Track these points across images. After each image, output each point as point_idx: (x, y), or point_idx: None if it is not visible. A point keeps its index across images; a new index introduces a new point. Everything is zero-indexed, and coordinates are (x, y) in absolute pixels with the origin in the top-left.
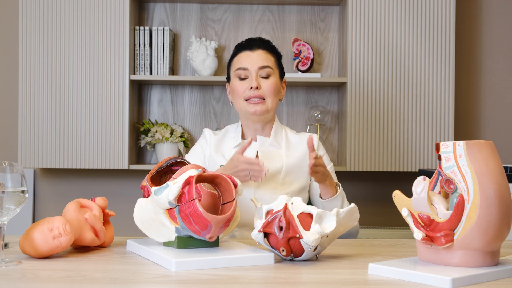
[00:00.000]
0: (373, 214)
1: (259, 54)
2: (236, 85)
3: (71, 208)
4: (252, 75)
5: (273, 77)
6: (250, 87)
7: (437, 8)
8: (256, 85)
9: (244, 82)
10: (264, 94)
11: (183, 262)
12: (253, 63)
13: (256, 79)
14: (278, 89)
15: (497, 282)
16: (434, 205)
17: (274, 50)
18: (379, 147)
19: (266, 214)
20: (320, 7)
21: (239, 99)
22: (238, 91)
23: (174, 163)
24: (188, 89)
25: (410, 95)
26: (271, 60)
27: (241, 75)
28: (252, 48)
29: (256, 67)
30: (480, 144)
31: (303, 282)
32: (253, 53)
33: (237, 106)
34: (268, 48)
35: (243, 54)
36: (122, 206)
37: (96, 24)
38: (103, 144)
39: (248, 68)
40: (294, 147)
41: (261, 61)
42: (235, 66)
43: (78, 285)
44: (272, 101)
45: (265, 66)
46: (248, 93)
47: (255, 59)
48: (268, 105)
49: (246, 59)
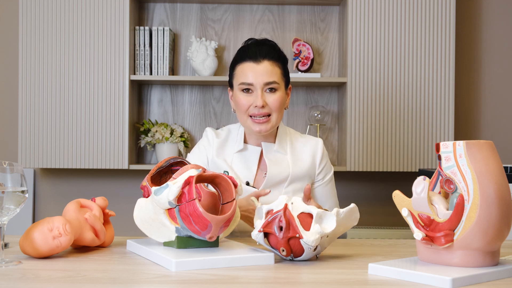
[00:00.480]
0: (373, 214)
1: (265, 67)
2: (240, 99)
3: (71, 208)
4: (258, 92)
5: (279, 91)
6: (255, 105)
7: (437, 8)
8: (261, 103)
9: (249, 97)
10: (270, 110)
11: (183, 262)
12: (259, 78)
13: (262, 96)
14: (284, 102)
15: (497, 282)
16: (434, 205)
17: (280, 58)
18: (379, 147)
19: (266, 214)
20: (320, 7)
21: (243, 114)
22: (242, 105)
23: (174, 163)
24: (188, 89)
25: (410, 95)
26: (277, 73)
27: (245, 89)
28: (257, 59)
29: (262, 83)
30: (480, 144)
31: (303, 282)
32: (258, 66)
33: (240, 120)
34: (275, 57)
35: (248, 66)
36: (122, 206)
37: (96, 24)
38: (103, 144)
39: (253, 83)
40: (299, 154)
41: (267, 76)
42: (239, 79)
43: (78, 285)
44: (278, 117)
45: (271, 82)
46: (253, 110)
47: (260, 73)
48: (273, 122)
49: (251, 73)
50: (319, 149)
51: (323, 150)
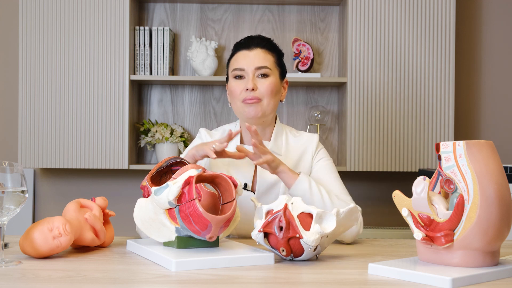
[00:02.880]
0: (373, 214)
1: (257, 53)
2: (232, 85)
3: (71, 208)
4: (249, 75)
5: (271, 77)
6: (246, 88)
7: (437, 8)
8: (252, 86)
9: (241, 82)
10: (261, 95)
11: (183, 262)
12: (250, 63)
13: (253, 80)
14: (276, 90)
15: (497, 282)
16: (434, 205)
17: (274, 48)
18: (379, 147)
19: (266, 214)
20: (320, 7)
21: (236, 101)
22: (234, 91)
23: (174, 163)
24: (188, 89)
25: (410, 95)
26: (269, 59)
27: (238, 75)
28: (250, 47)
29: (253, 67)
30: (480, 144)
31: (303, 282)
32: (250, 52)
33: (234, 108)
34: (267, 46)
35: (241, 53)
36: (122, 206)
37: (96, 24)
38: (103, 144)
39: (245, 69)
40: (295, 153)
41: (259, 61)
42: (232, 66)
43: (78, 285)
44: (269, 102)
45: (262, 67)
46: (244, 94)
47: (252, 58)
48: (264, 106)
49: (243, 59)
50: (313, 145)
51: (317, 145)
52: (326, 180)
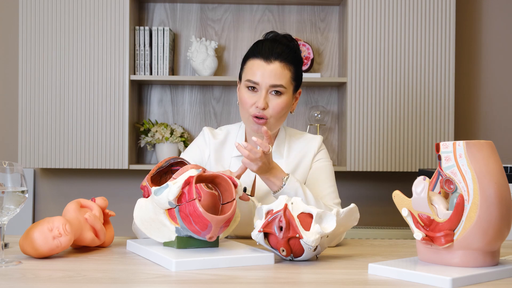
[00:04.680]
0: (373, 214)
1: (275, 68)
2: (244, 95)
3: (71, 208)
4: (262, 92)
5: (284, 96)
6: (256, 105)
7: (437, 8)
8: (263, 105)
9: (253, 96)
10: (269, 115)
11: (183, 262)
12: (266, 79)
13: (265, 98)
14: (287, 108)
15: (497, 282)
16: (434, 205)
17: (294, 60)
18: (379, 147)
19: (266, 214)
20: (320, 7)
21: (244, 111)
22: (245, 102)
23: (174, 163)
24: (188, 89)
25: (410, 95)
26: (286, 76)
27: (251, 87)
28: (269, 59)
29: (268, 85)
30: (480, 144)
31: (303, 282)
32: (268, 66)
33: (242, 114)
34: (288, 59)
35: (258, 63)
36: (122, 206)
37: (96, 24)
38: (103, 144)
39: (259, 83)
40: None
41: (275, 78)
42: (247, 75)
43: (78, 285)
44: (275, 123)
45: (277, 85)
46: (254, 110)
47: (268, 74)
48: (271, 125)
49: (259, 72)
50: (315, 146)
51: (319, 146)
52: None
